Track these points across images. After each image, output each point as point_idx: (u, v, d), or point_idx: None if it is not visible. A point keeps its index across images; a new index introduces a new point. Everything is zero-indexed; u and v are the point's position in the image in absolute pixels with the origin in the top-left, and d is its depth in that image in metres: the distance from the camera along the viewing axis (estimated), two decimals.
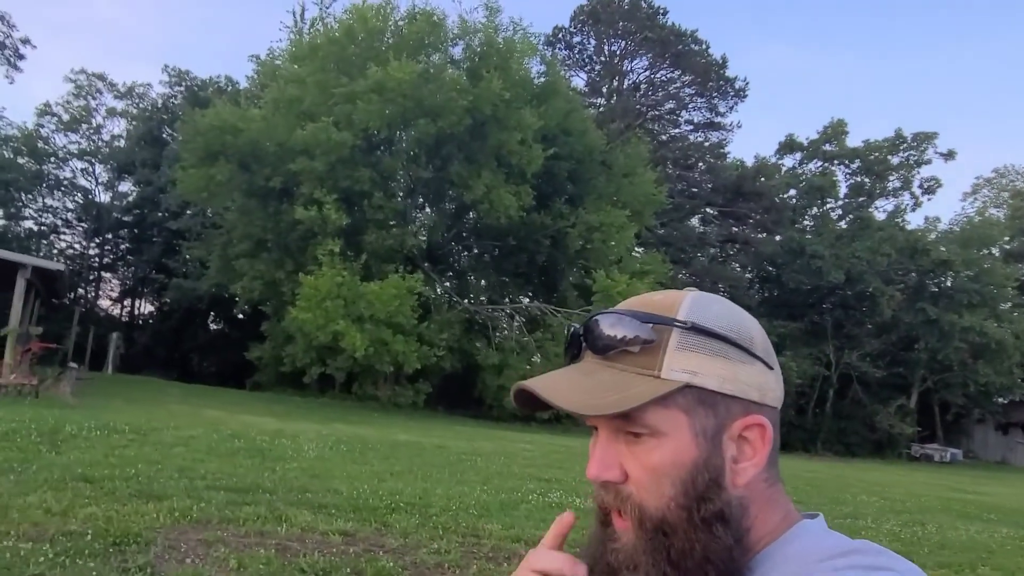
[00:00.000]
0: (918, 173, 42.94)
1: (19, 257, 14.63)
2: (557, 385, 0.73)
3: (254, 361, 26.29)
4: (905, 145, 42.29)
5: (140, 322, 43.57)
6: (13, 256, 14.31)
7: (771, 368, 0.74)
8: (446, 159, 23.21)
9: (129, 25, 73.99)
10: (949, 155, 42.61)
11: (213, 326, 41.14)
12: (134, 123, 43.82)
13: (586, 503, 8.49)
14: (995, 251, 42.38)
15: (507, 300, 28.06)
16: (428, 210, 24.38)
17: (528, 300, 28.21)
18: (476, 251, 27.50)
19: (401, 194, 25.03)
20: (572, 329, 0.78)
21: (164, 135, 43.00)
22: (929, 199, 67.31)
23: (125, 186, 45.66)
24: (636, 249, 29.29)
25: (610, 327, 0.72)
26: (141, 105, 44.80)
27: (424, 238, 23.13)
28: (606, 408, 0.69)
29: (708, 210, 36.70)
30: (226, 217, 25.96)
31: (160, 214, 37.29)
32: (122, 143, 44.42)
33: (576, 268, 26.71)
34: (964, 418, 40.79)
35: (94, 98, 45.22)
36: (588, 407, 0.70)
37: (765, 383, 0.73)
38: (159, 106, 43.08)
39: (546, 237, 26.28)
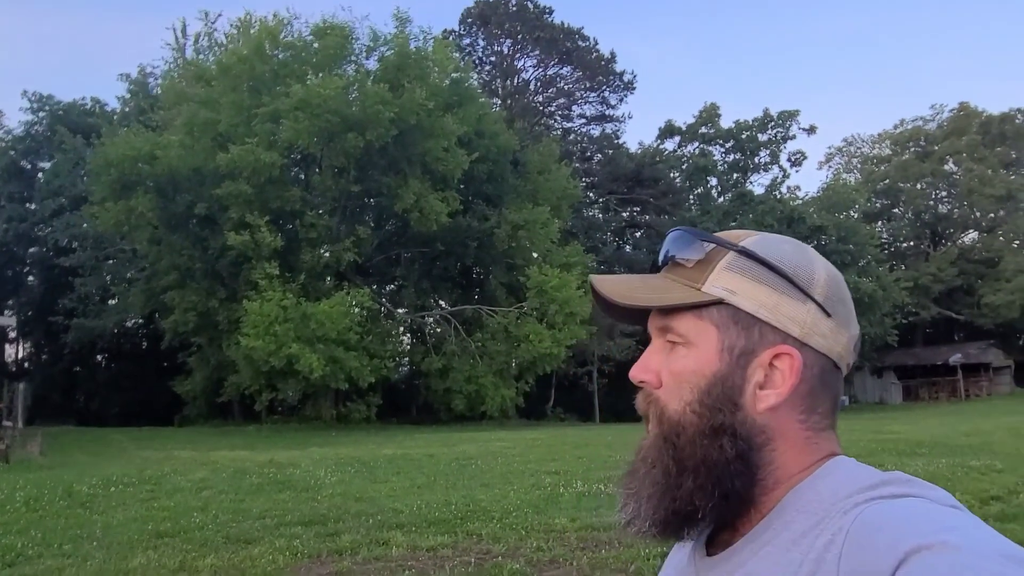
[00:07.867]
0: (785, 148, 46.82)
1: None
2: (614, 282, 0.78)
3: (183, 395, 25.17)
4: (772, 123, 45.96)
5: (26, 367, 40.21)
6: None
7: (829, 315, 0.74)
8: (373, 171, 23.18)
9: None
10: (811, 130, 46.83)
11: (113, 365, 38.59)
12: None
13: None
14: (854, 213, 46.81)
15: (439, 305, 28.36)
16: (358, 224, 24.24)
17: (454, 303, 28.54)
18: (406, 259, 27.59)
19: (331, 209, 24.72)
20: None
21: (30, 166, 39.80)
22: (797, 171, 73.50)
23: None
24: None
25: (672, 241, 0.79)
26: None
27: (356, 251, 23.01)
28: (637, 300, 0.76)
29: (610, 198, 38.38)
30: (144, 249, 24.52)
31: (43, 250, 34.51)
32: None
33: (501, 267, 27.34)
34: None
35: None
36: (624, 297, 0.76)
37: (812, 324, 0.73)
38: (20, 135, 39.71)
39: (472, 239, 26.74)
